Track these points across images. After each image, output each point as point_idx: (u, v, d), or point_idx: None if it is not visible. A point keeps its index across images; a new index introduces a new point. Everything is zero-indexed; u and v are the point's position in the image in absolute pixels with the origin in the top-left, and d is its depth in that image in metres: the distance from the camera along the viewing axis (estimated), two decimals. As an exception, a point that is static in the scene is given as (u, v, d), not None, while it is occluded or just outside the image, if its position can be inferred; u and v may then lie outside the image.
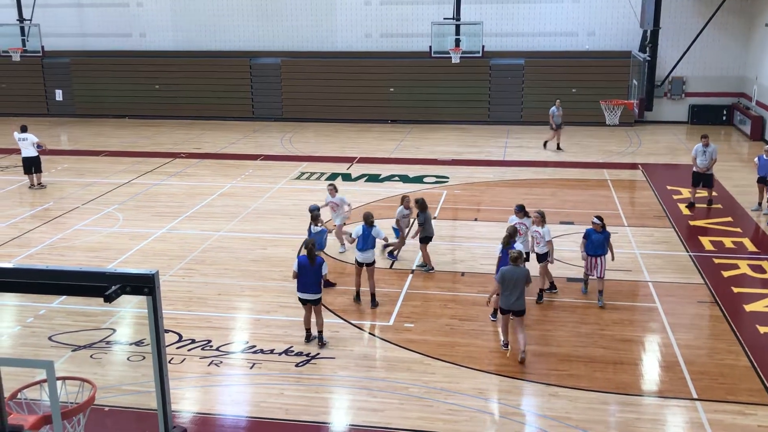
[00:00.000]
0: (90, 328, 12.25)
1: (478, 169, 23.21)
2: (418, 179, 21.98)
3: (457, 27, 27.67)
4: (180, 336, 11.97)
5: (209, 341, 11.84)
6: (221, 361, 11.25)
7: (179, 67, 32.62)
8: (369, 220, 13.03)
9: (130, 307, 12.78)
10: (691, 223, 17.79)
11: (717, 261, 15.23)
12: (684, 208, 18.75)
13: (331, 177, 22.29)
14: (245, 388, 10.67)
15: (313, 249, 11.45)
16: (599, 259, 13.00)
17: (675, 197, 19.78)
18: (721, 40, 29.48)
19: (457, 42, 27.47)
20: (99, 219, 18.40)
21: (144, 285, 3.61)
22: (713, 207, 18.80)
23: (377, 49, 31.60)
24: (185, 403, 10.23)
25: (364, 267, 13.03)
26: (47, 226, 17.83)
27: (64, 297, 12.66)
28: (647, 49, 25.08)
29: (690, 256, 15.57)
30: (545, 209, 18.08)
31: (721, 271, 14.68)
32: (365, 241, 12.92)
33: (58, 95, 33.90)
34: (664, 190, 20.52)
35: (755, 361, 11.12)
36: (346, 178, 22.32)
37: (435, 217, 17.74)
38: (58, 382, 6.69)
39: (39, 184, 21.28)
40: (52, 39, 32.19)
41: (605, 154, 25.31)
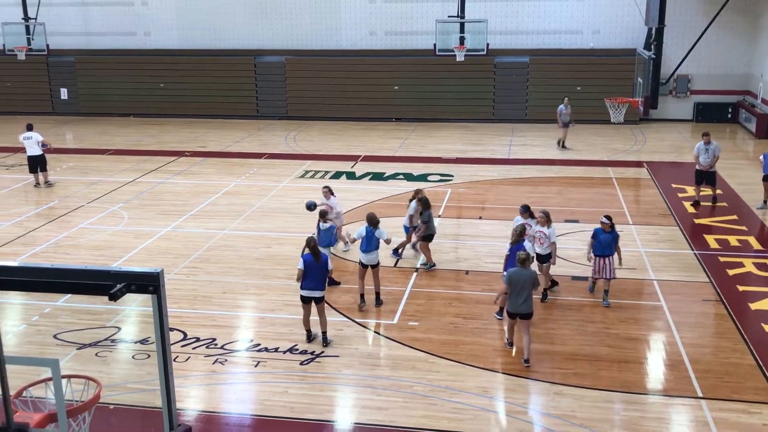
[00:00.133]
0: (95, 327, 12.27)
1: (483, 168, 23.19)
2: (423, 177, 21.96)
3: (462, 25, 27.64)
4: (185, 334, 11.99)
5: (214, 339, 11.86)
6: (226, 360, 11.27)
7: (184, 65, 32.65)
8: (373, 221, 12.91)
9: (135, 306, 12.81)
10: (696, 221, 17.75)
11: (722, 259, 15.19)
12: (689, 206, 18.71)
13: (336, 175, 22.30)
14: (250, 386, 10.68)
15: (316, 246, 11.44)
16: (607, 259, 12.81)
17: (680, 195, 19.74)
18: (727, 38, 29.39)
19: (461, 40, 27.44)
20: (104, 217, 18.43)
21: (149, 283, 3.61)
22: (718, 205, 18.75)
23: (381, 47, 31.58)
24: (190, 401, 10.25)
25: (369, 268, 12.97)
26: (52, 225, 17.87)
27: (69, 295, 12.70)
28: (652, 46, 25.02)
29: (695, 254, 15.54)
30: (550, 207, 18.04)
31: (726, 270, 14.65)
32: (369, 242, 12.79)
33: (63, 94, 33.95)
34: (669, 188, 20.48)
35: (760, 360, 11.09)
36: (351, 176, 22.33)
37: (439, 216, 17.74)
38: (64, 381, 6.71)
39: (46, 183, 21.32)
40: (57, 38, 32.25)
41: (610, 152, 25.27)
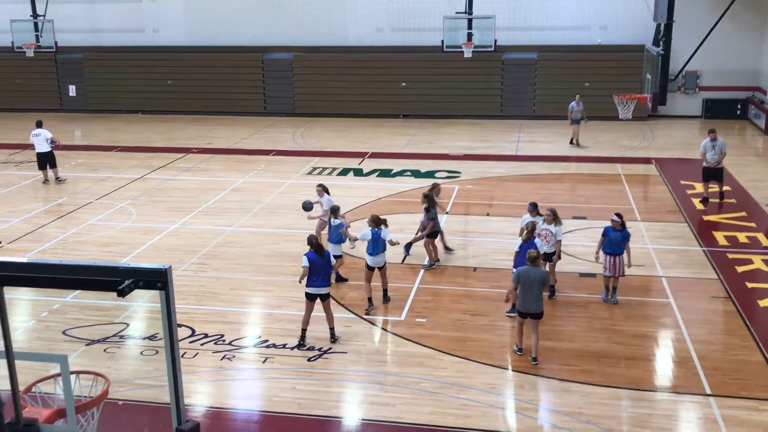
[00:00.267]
0: (103, 323, 12.31)
1: (491, 164, 23.15)
2: (430, 174, 21.94)
3: (470, 21, 27.58)
4: (193, 330, 12.02)
5: (222, 336, 11.89)
6: (234, 356, 11.30)
7: (192, 62, 32.68)
8: (378, 222, 12.73)
9: (143, 302, 12.85)
10: (704, 218, 17.69)
11: (731, 256, 15.14)
12: (698, 203, 18.64)
13: (343, 172, 22.31)
14: (258, 382, 10.71)
15: (319, 243, 11.41)
16: (617, 258, 12.66)
17: (688, 192, 19.66)
18: (736, 34, 29.22)
19: (469, 36, 27.39)
20: (112, 214, 18.49)
21: (157, 280, 3.63)
22: (727, 201, 18.67)
23: (389, 44, 31.53)
24: (198, 397, 10.28)
25: (375, 270, 12.87)
26: (61, 221, 17.94)
27: (78, 291, 12.75)
28: (661, 43, 24.92)
29: (703, 251, 15.49)
30: (558, 204, 17.98)
31: (735, 267, 14.59)
32: (375, 244, 12.62)
33: (72, 91, 34.05)
34: (678, 184, 20.40)
35: (769, 357, 11.06)
36: (358, 173, 22.33)
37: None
38: (72, 376, 6.74)
39: (57, 179, 21.39)
40: (66, 35, 32.32)
41: (618, 148, 25.19)
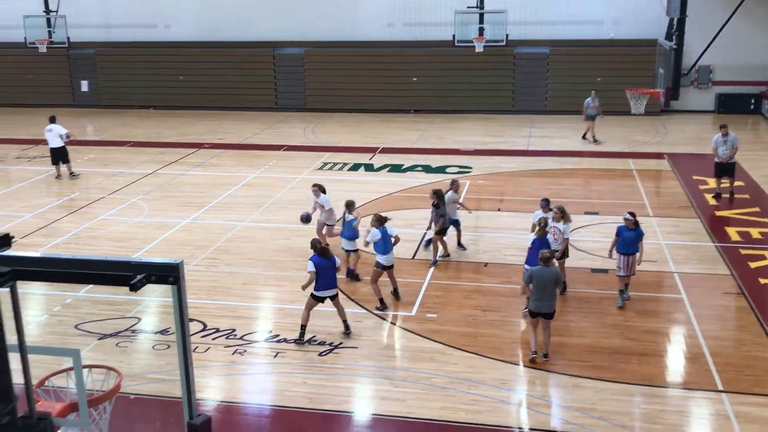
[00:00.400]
0: (116, 317, 12.38)
1: (502, 159, 23.09)
2: (441, 169, 21.91)
3: (481, 15, 27.47)
4: (204, 325, 12.06)
5: (233, 330, 11.93)
6: (245, 350, 11.33)
7: (203, 57, 32.73)
8: (383, 220, 12.57)
9: (155, 297, 12.91)
10: (717, 213, 17.58)
11: (744, 252, 15.04)
12: (710, 199, 18.53)
13: (354, 167, 22.31)
14: (269, 376, 10.74)
15: (323, 247, 11.36)
16: (631, 257, 12.42)
17: (701, 187, 19.55)
18: (749, 28, 28.97)
19: (480, 31, 27.29)
20: (124, 209, 18.57)
21: (169, 274, 3.64)
22: (740, 197, 18.54)
23: (400, 39, 31.48)
24: (210, 391, 10.32)
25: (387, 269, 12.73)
26: (73, 216, 18.04)
27: (91, 286, 12.82)
28: (674, 37, 24.73)
29: (716, 246, 15.40)
30: (569, 199, 17.93)
31: (748, 262, 14.50)
32: (386, 242, 12.49)
33: (84, 86, 34.18)
34: (690, 180, 20.28)
35: (782, 353, 10.99)
36: (369, 168, 22.32)
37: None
38: (85, 370, 6.78)
39: (71, 174, 21.49)
40: (78, 30, 32.41)
41: (631, 143, 25.07)
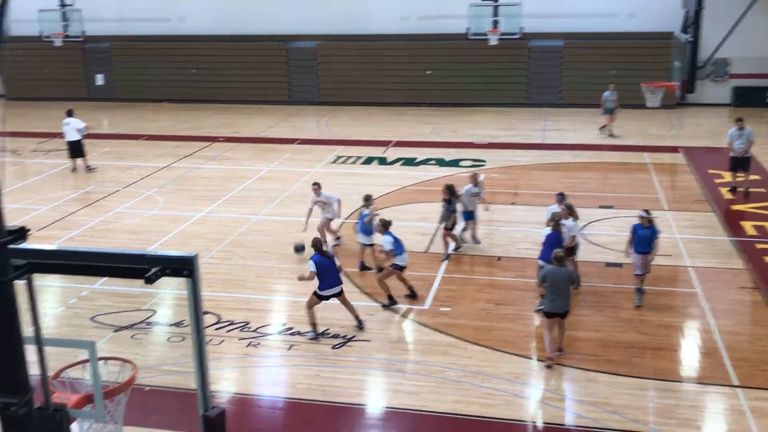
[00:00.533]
0: (131, 309, 12.47)
1: (516, 153, 23.01)
2: (455, 163, 21.87)
3: (495, 8, 27.39)
4: (219, 317, 12.12)
5: (247, 323, 11.98)
6: (259, 343, 11.38)
7: (217, 51, 32.79)
8: (388, 224, 12.46)
9: (170, 289, 12.98)
10: (732, 207, 17.45)
11: (759, 246, 14.91)
12: (726, 192, 18.40)
13: (367, 161, 22.31)
14: (282, 369, 10.79)
15: (321, 245, 11.34)
16: (647, 256, 12.26)
17: (716, 181, 19.40)
18: (766, 21, 28.69)
19: (495, 23, 27.20)
20: (139, 202, 18.67)
21: (184, 267, 3.66)
22: (756, 191, 18.37)
23: (414, 32, 31.38)
24: (224, 383, 10.38)
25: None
26: (89, 209, 18.15)
27: (106, 278, 12.90)
28: (690, 30, 24.63)
29: (731, 240, 15.29)
30: (584, 193, 17.87)
31: (763, 257, 14.37)
32: (398, 244, 12.39)
33: (99, 80, 34.33)
34: (706, 173, 20.13)
35: (798, 349, 10.92)
36: (382, 161, 22.31)
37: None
38: (100, 362, 6.83)
39: (87, 168, 21.60)
40: (93, 24, 32.57)
41: (646, 137, 24.90)
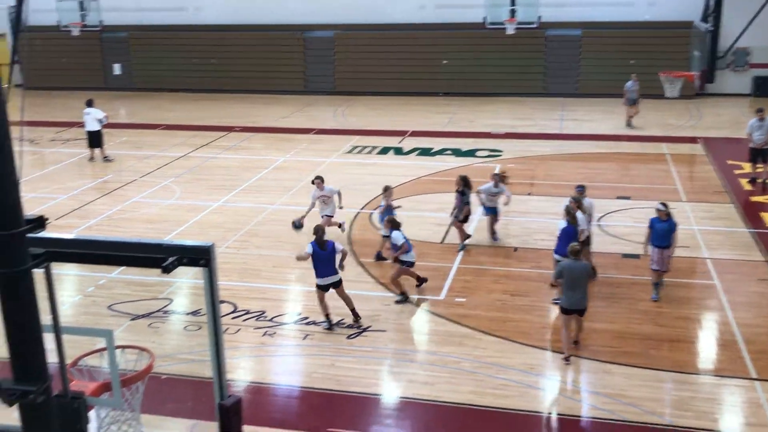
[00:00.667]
0: (148, 298, 12.55)
1: (533, 143, 22.89)
2: (471, 153, 21.79)
3: (513, -3, 27.16)
4: (235, 306, 12.17)
5: (263, 312, 12.02)
6: (275, 332, 11.42)
7: (233, 41, 32.81)
8: (398, 223, 12.38)
9: (187, 278, 13.04)
10: (752, 198, 17.28)
11: (779, 238, 14.79)
12: (745, 184, 18.22)
13: (383, 151, 22.27)
14: (298, 358, 10.82)
15: (322, 234, 11.36)
16: (665, 251, 12.02)
17: (736, 172, 19.21)
18: (789, 9, 28.30)
19: (512, 12, 26.99)
20: (156, 191, 18.76)
21: (200, 257, 3.66)
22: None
23: (431, 21, 31.23)
24: (240, 372, 10.43)
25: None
26: (106, 198, 18.26)
27: (123, 267, 12.99)
28: (710, 19, 24.35)
29: (750, 232, 15.15)
30: (601, 183, 17.77)
31: (784, 249, 14.26)
32: (409, 242, 12.35)
33: (117, 69, 34.46)
34: (725, 164, 19.94)
35: (818, 342, 10.81)
36: (398, 152, 22.27)
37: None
38: (118, 351, 6.88)
39: (104, 158, 21.70)
40: (110, 14, 32.63)
41: (664, 127, 24.69)
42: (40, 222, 3.72)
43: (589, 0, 29.87)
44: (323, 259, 11.28)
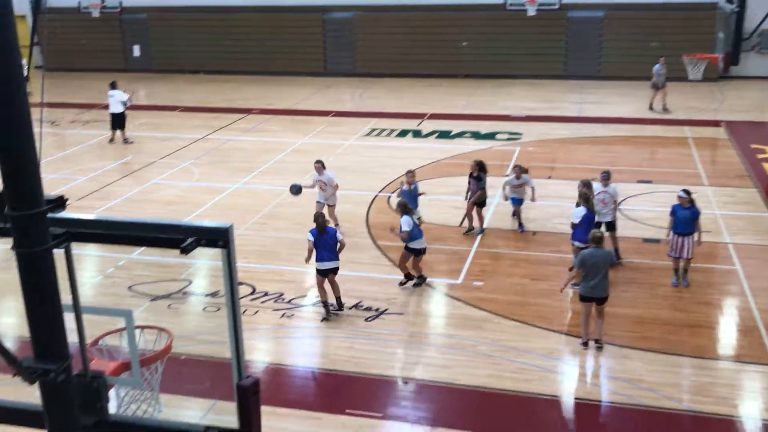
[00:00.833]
0: (167, 279, 12.62)
1: (553, 126, 22.71)
2: (490, 136, 21.66)
3: (534, -21, 26.91)
4: (254, 288, 12.22)
5: (281, 294, 12.06)
6: (293, 314, 11.46)
7: (252, 22, 32.76)
8: (407, 207, 12.03)
9: (206, 260, 13.10)
10: (776, 183, 17.07)
11: (803, 223, 14.60)
12: (769, 168, 18.00)
13: (402, 133, 22.20)
14: (316, 340, 10.86)
15: (323, 222, 11.32)
16: (686, 239, 11.81)
17: (759, 156, 18.96)
18: (816, -10, 27.79)
19: (533, -6, 26.75)
20: (176, 173, 18.83)
21: (219, 238, 3.65)
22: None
23: (451, 2, 30.97)
24: (258, 353, 10.49)
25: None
26: (126, 180, 18.36)
27: (143, 248, 13.07)
28: (735, 0, 23.95)
29: (774, 217, 14.97)
30: (623, 167, 17.62)
31: (808, 234, 14.08)
32: (418, 227, 12.09)
33: (136, 51, 34.53)
34: (748, 148, 19.68)
35: (841, 328, 10.68)
36: (417, 134, 22.19)
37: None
38: (137, 331, 6.92)
39: (125, 140, 21.76)
40: (130, -5, 32.73)
41: (687, 110, 24.39)
42: (60, 202, 3.72)
43: (611, -19, 29.47)
44: (323, 244, 11.19)
